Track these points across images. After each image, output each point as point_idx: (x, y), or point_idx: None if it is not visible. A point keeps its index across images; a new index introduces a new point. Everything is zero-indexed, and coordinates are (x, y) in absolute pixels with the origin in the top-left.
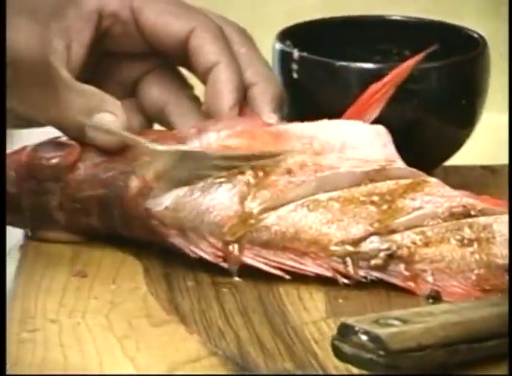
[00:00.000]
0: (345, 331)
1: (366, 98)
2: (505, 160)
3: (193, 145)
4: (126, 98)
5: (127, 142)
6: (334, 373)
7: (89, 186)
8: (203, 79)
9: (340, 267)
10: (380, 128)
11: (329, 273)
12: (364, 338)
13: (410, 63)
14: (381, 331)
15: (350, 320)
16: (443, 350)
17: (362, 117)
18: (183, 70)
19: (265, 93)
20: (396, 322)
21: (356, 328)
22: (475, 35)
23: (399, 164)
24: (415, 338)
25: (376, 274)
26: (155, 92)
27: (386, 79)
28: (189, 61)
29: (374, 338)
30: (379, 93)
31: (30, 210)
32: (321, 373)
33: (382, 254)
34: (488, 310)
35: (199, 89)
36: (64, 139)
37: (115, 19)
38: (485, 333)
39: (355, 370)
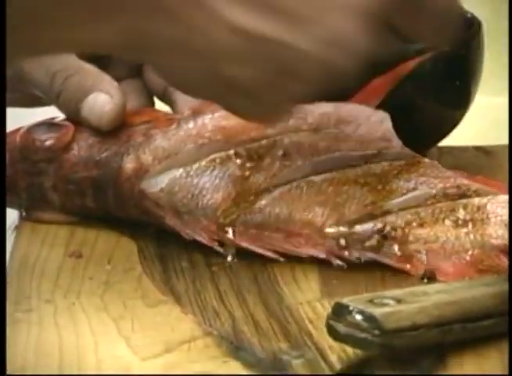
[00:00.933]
0: (340, 311)
1: (369, 89)
2: (498, 142)
3: (188, 126)
4: (131, 78)
5: None
6: (329, 352)
7: (83, 167)
8: None
9: (335, 248)
10: (380, 112)
11: (323, 255)
12: (359, 317)
13: (413, 61)
14: (376, 311)
15: (344, 300)
16: (437, 330)
17: None
18: None
19: None
20: (391, 301)
21: (351, 308)
22: (469, 15)
23: (395, 142)
24: (409, 318)
25: (370, 255)
26: None
27: (389, 74)
28: None
29: (369, 318)
30: (380, 86)
31: (25, 191)
32: (315, 352)
33: (376, 236)
34: (483, 290)
35: None
36: (58, 119)
37: None
38: (479, 312)
39: (349, 350)
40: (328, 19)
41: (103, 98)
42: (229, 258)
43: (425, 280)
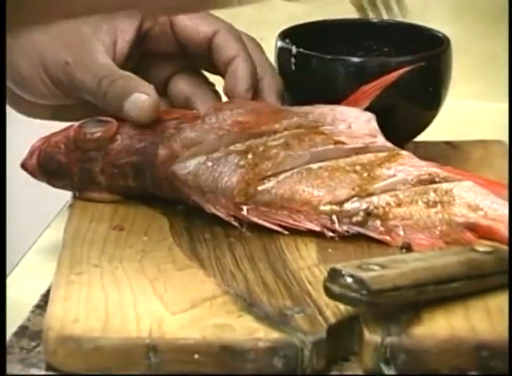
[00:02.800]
0: (334, 275)
1: (358, 94)
2: (464, 138)
3: (211, 121)
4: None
5: None
6: (325, 309)
7: (126, 154)
8: (224, 70)
9: (328, 223)
10: (367, 113)
11: (318, 228)
12: (350, 280)
13: (397, 72)
14: (364, 274)
15: (338, 266)
16: (414, 290)
17: None
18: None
19: (271, 86)
20: (376, 267)
21: (343, 272)
22: (440, 35)
23: (380, 138)
24: (391, 280)
25: (356, 229)
26: (183, 86)
27: (376, 82)
28: (212, 56)
29: (358, 280)
30: (368, 92)
31: (78, 175)
32: (314, 308)
33: (362, 213)
34: (451, 258)
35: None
36: (104, 117)
37: (154, 21)
38: (449, 276)
39: (342, 307)
40: None
41: (143, 97)
42: (244, 231)
43: (403, 251)
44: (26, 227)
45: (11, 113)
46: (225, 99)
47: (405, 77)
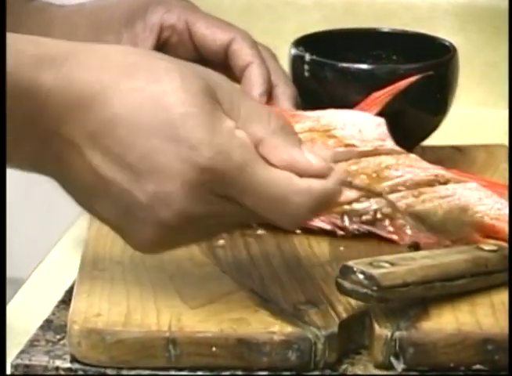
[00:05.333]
0: (346, 271)
1: (368, 101)
2: (470, 142)
3: None
4: None
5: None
6: (337, 304)
7: None
8: (240, 76)
9: (338, 222)
10: (377, 117)
11: (329, 227)
12: (361, 276)
13: (406, 81)
14: (374, 271)
15: (349, 263)
16: (422, 286)
17: None
18: None
19: (285, 93)
20: (386, 264)
21: (355, 269)
22: (447, 43)
23: (389, 142)
24: (400, 277)
25: (366, 227)
26: None
27: (386, 89)
28: (228, 63)
29: (369, 277)
30: (379, 99)
31: None
32: (326, 304)
33: (371, 212)
34: (457, 256)
35: None
36: None
37: (173, 30)
38: (455, 273)
39: (353, 302)
40: (158, 179)
41: None
42: (259, 230)
43: (411, 249)
44: (51, 226)
45: None
46: None
47: (414, 84)
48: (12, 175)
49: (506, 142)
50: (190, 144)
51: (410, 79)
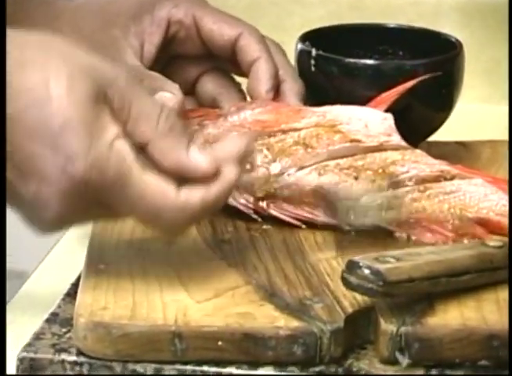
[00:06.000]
0: (352, 266)
1: (377, 100)
2: (475, 138)
3: (233, 119)
4: (186, 95)
5: None
6: (342, 299)
7: None
8: (247, 71)
9: (344, 217)
10: (383, 113)
11: (335, 222)
12: (367, 271)
13: (415, 80)
14: (380, 266)
15: (355, 258)
16: (428, 282)
17: None
18: None
19: (293, 88)
20: (392, 259)
21: (361, 264)
22: (453, 39)
23: (395, 137)
24: (406, 272)
25: (372, 222)
26: (209, 86)
27: (394, 89)
28: (236, 58)
29: (375, 272)
30: (387, 98)
31: None
32: (332, 299)
33: (376, 207)
34: (463, 252)
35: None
36: None
37: (180, 25)
38: (460, 269)
39: (359, 297)
40: (37, 182)
41: (168, 95)
42: (265, 225)
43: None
44: None
45: None
46: (249, 99)
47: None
48: None
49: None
50: (67, 154)
51: (418, 78)
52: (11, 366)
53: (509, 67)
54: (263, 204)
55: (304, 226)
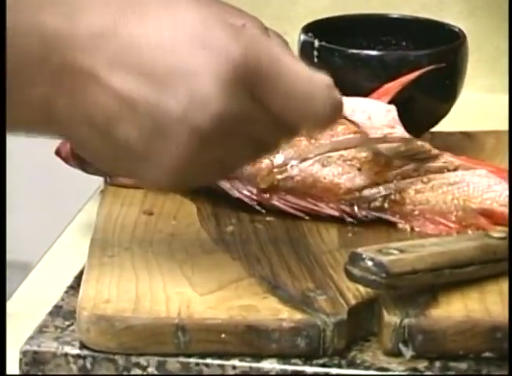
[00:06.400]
0: (355, 258)
1: (380, 92)
2: (479, 128)
3: None
4: None
5: None
6: (346, 291)
7: None
8: None
9: (348, 209)
10: (387, 104)
11: (338, 214)
12: (370, 263)
13: (419, 71)
14: (384, 258)
15: (359, 250)
16: (431, 274)
17: None
18: None
19: None
20: (395, 251)
21: (364, 256)
22: (456, 30)
23: (399, 129)
24: (410, 264)
25: (375, 214)
26: None
27: (397, 80)
28: None
29: (378, 264)
30: (390, 89)
31: None
32: (335, 291)
33: (380, 199)
34: (467, 243)
35: None
36: None
37: None
38: (464, 261)
39: (362, 289)
40: (191, 82)
41: None
42: (268, 216)
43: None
44: (60, 211)
45: None
46: None
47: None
48: (23, 161)
49: None
50: (219, 46)
51: (422, 70)
52: (14, 360)
53: (509, 61)
54: (266, 195)
55: (307, 218)
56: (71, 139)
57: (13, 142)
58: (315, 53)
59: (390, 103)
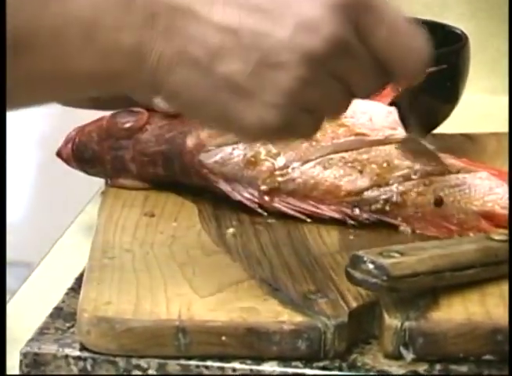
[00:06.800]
0: (356, 261)
1: (383, 93)
2: (481, 130)
3: None
4: None
5: None
6: (347, 293)
7: (155, 143)
8: None
9: (349, 211)
10: (388, 106)
11: (339, 216)
12: (371, 266)
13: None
14: (385, 261)
15: (360, 252)
16: (432, 276)
17: None
18: None
19: None
20: (396, 254)
21: (365, 258)
22: (458, 31)
23: (400, 131)
24: (411, 267)
25: (376, 216)
26: None
27: (400, 82)
28: None
29: (379, 266)
30: (391, 91)
31: (110, 163)
32: (336, 294)
33: (381, 201)
34: (468, 246)
35: None
36: (136, 108)
37: None
38: (465, 263)
39: (363, 292)
40: (297, 8)
41: None
42: (269, 218)
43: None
44: (60, 212)
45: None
46: None
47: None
48: (25, 163)
49: None
50: None
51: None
52: (15, 361)
53: (509, 64)
54: (268, 197)
55: (309, 220)
56: (167, 86)
57: (16, 142)
58: None
59: (391, 104)
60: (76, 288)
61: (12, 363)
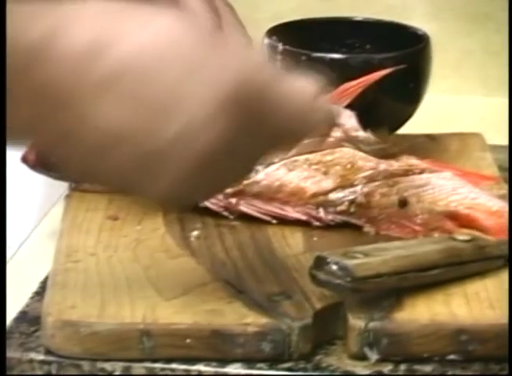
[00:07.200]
0: (320, 262)
1: (340, 91)
2: (443, 131)
3: None
4: None
5: None
6: (311, 295)
7: None
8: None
9: (314, 213)
10: (347, 110)
11: (304, 217)
12: (335, 267)
13: (380, 72)
14: (348, 262)
15: (323, 253)
16: (396, 277)
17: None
18: None
19: (235, 24)
20: (360, 255)
21: (328, 260)
22: (420, 32)
23: (361, 133)
24: (374, 268)
25: (341, 218)
26: None
27: (359, 80)
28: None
29: (343, 268)
30: (351, 90)
31: None
32: (300, 295)
33: (346, 203)
34: (431, 246)
35: None
36: None
37: None
38: (429, 264)
39: (327, 293)
40: (192, 107)
41: None
42: (233, 221)
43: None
44: (24, 217)
45: None
46: None
47: (386, 73)
48: None
49: (479, 130)
50: (216, 66)
51: (383, 71)
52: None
53: (509, 61)
54: (233, 200)
55: (274, 222)
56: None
57: None
58: (279, 57)
59: (353, 105)
60: (40, 292)
61: None
